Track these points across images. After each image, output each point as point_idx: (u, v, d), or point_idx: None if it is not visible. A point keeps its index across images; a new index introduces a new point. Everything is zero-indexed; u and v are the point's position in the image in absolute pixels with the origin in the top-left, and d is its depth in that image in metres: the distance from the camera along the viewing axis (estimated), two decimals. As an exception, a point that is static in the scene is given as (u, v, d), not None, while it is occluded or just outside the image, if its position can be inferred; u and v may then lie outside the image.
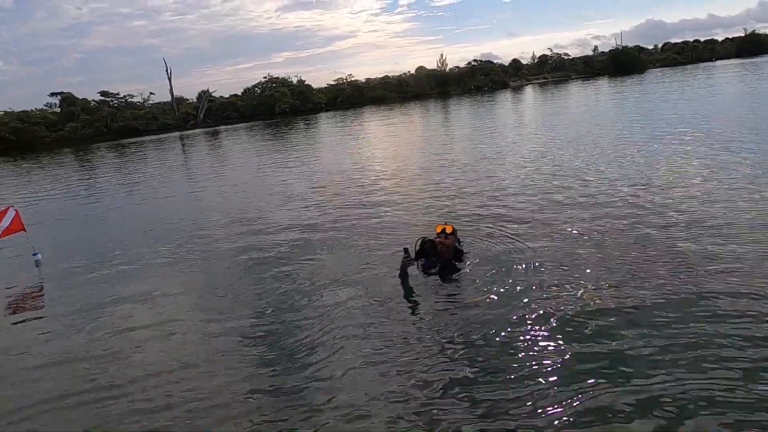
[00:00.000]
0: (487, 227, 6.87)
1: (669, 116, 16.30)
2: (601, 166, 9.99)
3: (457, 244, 5.54)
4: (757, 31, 64.94)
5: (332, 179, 12.20)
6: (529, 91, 43.80)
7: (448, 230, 5.37)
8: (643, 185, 8.14)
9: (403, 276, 5.16)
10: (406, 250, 5.10)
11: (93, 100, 52.67)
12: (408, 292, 5.06)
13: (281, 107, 51.90)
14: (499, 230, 6.68)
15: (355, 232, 7.42)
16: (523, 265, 5.40)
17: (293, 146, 21.88)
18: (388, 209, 8.65)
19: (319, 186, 11.58)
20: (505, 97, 39.00)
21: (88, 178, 19.11)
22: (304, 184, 12.20)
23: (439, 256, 5.36)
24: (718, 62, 52.89)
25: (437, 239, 5.39)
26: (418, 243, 5.46)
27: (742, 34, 65.43)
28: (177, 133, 43.73)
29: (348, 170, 13.38)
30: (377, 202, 9.32)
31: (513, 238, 6.29)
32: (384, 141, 20.48)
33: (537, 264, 5.41)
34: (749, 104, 17.47)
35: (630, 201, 7.38)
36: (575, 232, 6.32)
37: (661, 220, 6.39)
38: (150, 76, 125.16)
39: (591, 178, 9.07)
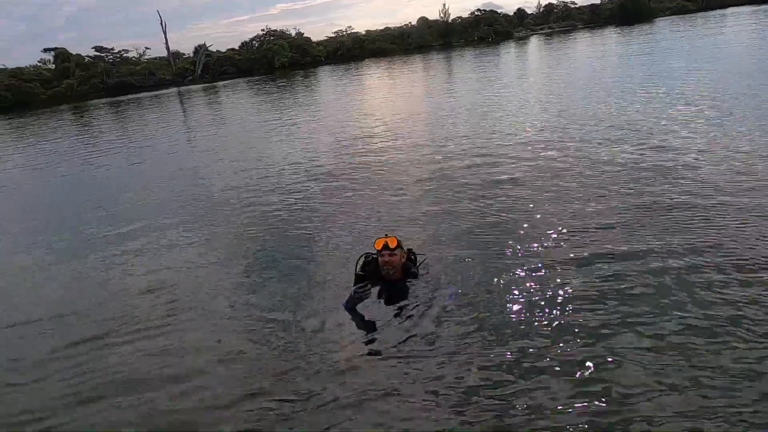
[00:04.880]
0: (473, 203, 6.50)
1: (676, 71, 15.98)
2: (601, 131, 9.95)
3: (411, 265, 4.39)
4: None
5: (332, 140, 12.16)
6: (534, 42, 42.57)
7: (392, 244, 4.21)
8: (644, 146, 8.15)
9: (353, 309, 4.10)
10: (360, 278, 4.26)
11: (87, 56, 51.45)
12: (358, 325, 4.04)
13: (280, 61, 50.67)
14: (485, 204, 6.35)
15: (348, 204, 7.18)
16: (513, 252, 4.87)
17: (294, 102, 21.61)
18: (383, 174, 8.65)
19: (318, 147, 11.58)
20: (509, 49, 37.97)
21: (89, 137, 19.02)
22: (304, 144, 12.23)
23: (384, 280, 4.26)
24: (731, 9, 51.05)
25: (381, 258, 4.23)
26: (360, 261, 4.41)
27: (756, -21, 62.97)
28: (174, 89, 42.95)
29: (348, 130, 13.30)
30: (372, 166, 9.28)
31: (500, 215, 5.85)
32: (386, 97, 20.18)
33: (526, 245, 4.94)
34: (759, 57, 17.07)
35: (632, 163, 7.41)
36: (570, 200, 6.20)
37: (668, 185, 6.45)
38: (144, 32, 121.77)
39: (591, 143, 9.06)
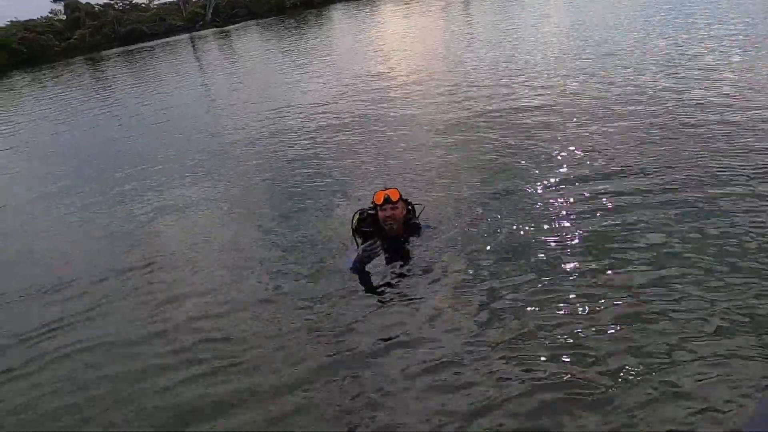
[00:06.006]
0: (480, 144, 6.14)
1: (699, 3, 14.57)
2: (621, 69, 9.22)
3: (413, 217, 3.98)
4: None
5: (344, 83, 11.62)
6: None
7: (393, 197, 3.79)
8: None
9: (362, 270, 3.74)
10: (365, 235, 3.89)
11: (97, 4, 50.53)
12: (369, 289, 3.67)
13: (292, 0, 48.72)
14: (492, 145, 5.96)
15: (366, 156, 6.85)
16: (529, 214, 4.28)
17: (306, 45, 20.82)
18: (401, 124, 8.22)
19: (329, 91, 11.07)
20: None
21: (105, 89, 18.87)
22: (315, 89, 11.75)
23: (385, 236, 3.83)
24: None
25: (381, 212, 3.80)
26: (355, 219, 3.97)
27: None
28: (186, 35, 41.96)
29: (360, 73, 12.58)
30: (382, 110, 8.88)
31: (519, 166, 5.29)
32: (401, 37, 19.18)
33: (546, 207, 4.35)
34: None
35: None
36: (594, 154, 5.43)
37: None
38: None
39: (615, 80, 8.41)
